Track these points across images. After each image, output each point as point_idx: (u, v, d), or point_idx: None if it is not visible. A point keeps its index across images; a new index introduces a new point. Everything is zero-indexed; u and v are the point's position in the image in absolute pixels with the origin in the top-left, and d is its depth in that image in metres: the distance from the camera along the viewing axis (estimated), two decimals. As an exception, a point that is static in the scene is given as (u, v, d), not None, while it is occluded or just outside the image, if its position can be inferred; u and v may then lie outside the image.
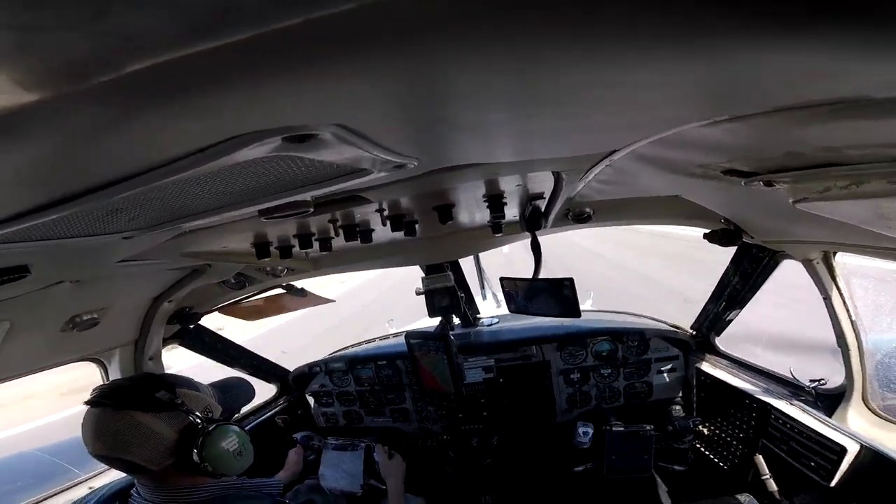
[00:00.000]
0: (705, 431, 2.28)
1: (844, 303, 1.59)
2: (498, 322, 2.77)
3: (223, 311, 2.17)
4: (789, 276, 1.77)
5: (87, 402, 1.05)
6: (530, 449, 2.64)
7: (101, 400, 1.04)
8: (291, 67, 0.34)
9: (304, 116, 0.45)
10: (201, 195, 0.70)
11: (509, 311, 1.93)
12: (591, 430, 2.32)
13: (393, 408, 2.72)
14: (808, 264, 1.57)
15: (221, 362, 2.49)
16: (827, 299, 1.60)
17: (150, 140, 0.45)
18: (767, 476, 1.89)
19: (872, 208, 0.81)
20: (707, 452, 2.31)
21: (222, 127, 0.44)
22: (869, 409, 1.65)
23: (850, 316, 1.59)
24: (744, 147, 0.83)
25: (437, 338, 2.19)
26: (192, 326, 2.14)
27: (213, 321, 2.26)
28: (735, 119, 0.65)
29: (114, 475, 1.63)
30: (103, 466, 1.81)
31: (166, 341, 2.06)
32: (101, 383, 1.16)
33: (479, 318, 2.82)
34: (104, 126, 0.39)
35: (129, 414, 1.02)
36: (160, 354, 2.00)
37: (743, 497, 1.95)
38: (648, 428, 2.22)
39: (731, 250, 1.86)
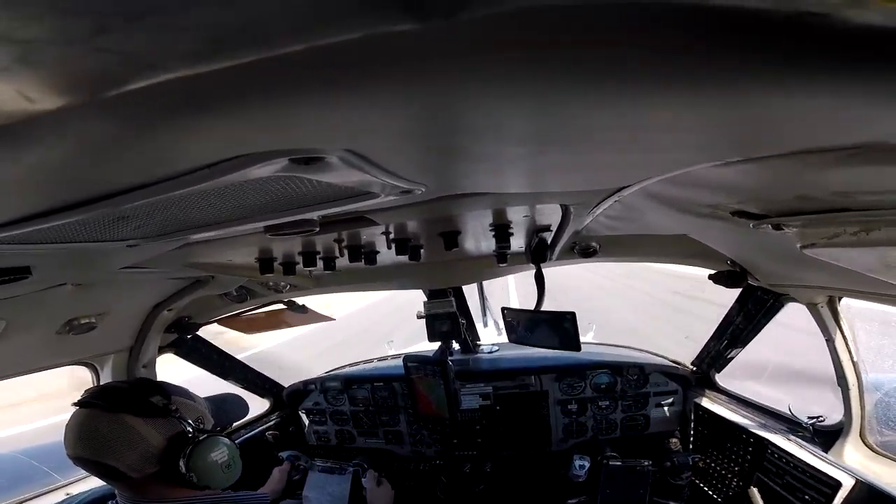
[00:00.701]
0: (700, 464, 2.25)
1: (847, 345, 1.59)
2: (498, 350, 2.75)
3: (222, 322, 2.16)
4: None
5: (76, 403, 1.03)
6: (524, 477, 2.59)
7: (92, 400, 1.02)
8: (298, 92, 0.34)
9: (311, 140, 0.45)
10: (208, 209, 0.71)
11: (510, 341, 1.90)
12: (587, 464, 2.27)
13: (387, 430, 2.67)
14: (813, 308, 1.57)
15: (216, 374, 2.46)
16: (830, 341, 1.60)
17: (157, 154, 0.45)
18: None
19: (879, 257, 0.80)
20: (702, 485, 2.27)
21: (228, 145, 0.44)
22: (866, 444, 1.65)
23: (851, 357, 1.60)
24: (755, 189, 0.83)
25: (436, 363, 2.18)
26: (188, 336, 2.13)
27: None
28: (749, 161, 0.65)
29: (93, 483, 1.60)
30: (83, 473, 1.76)
31: (162, 350, 2.04)
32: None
33: (479, 345, 2.80)
34: (109, 138, 0.39)
35: (120, 416, 1.00)
36: (154, 363, 1.98)
37: None
38: (646, 464, 2.17)
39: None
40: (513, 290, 10.91)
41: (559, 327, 1.62)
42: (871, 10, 0.24)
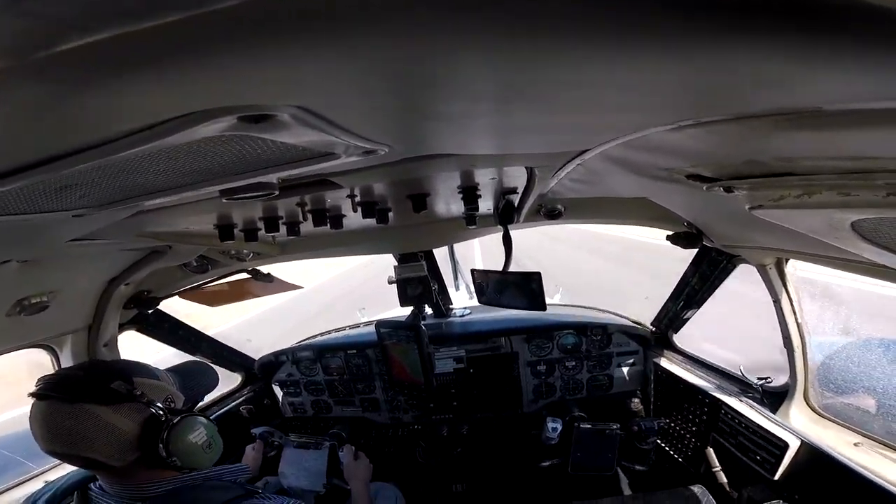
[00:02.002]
0: (664, 426, 2.37)
1: (792, 307, 1.68)
2: (470, 313, 2.81)
3: (184, 295, 2.09)
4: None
5: (32, 395, 0.97)
6: (499, 439, 2.69)
7: (49, 392, 0.96)
8: (239, 46, 0.32)
9: (260, 96, 0.43)
10: (157, 173, 0.67)
11: (479, 302, 1.95)
12: (560, 427, 2.34)
13: (363, 397, 2.71)
14: (762, 269, 1.65)
15: (183, 350, 2.41)
16: (777, 302, 1.68)
17: (95, 116, 0.42)
18: (718, 468, 1.98)
19: (823, 219, 0.85)
20: (663, 445, 2.41)
21: (171, 105, 0.42)
22: (810, 406, 1.75)
23: (796, 319, 1.68)
24: (707, 153, 0.86)
25: (409, 327, 2.19)
26: (150, 311, 2.05)
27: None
28: (700, 125, 0.67)
29: (70, 467, 1.56)
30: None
31: (122, 327, 1.97)
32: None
33: (452, 309, 2.84)
34: (42, 101, 0.37)
35: (84, 408, 0.94)
36: (116, 341, 1.91)
37: (696, 488, 2.02)
38: (615, 427, 2.26)
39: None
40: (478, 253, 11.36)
41: (526, 288, 1.66)
42: None
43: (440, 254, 2.63)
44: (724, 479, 1.96)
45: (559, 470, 2.37)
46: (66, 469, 1.57)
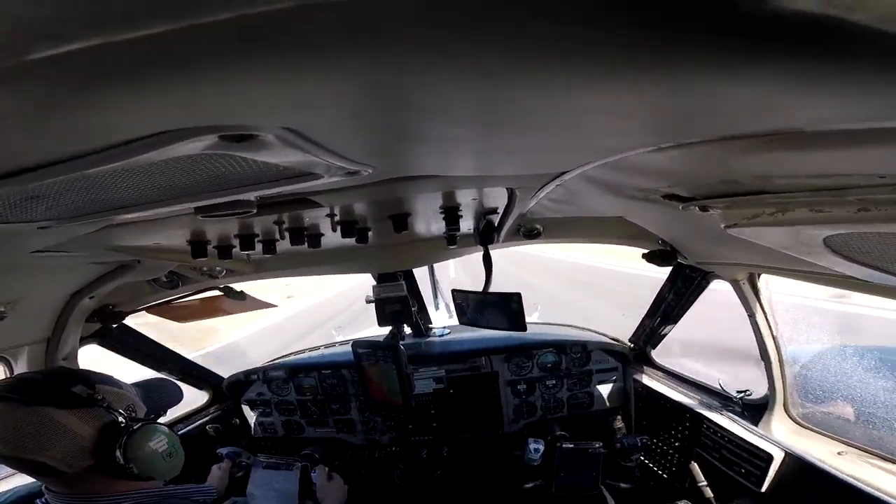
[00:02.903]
0: (647, 442, 2.34)
1: (767, 320, 1.70)
2: (449, 333, 2.77)
3: (152, 310, 2.00)
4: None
5: None
6: (480, 460, 2.63)
7: (6, 394, 0.92)
8: (225, 64, 0.31)
9: (243, 116, 0.42)
10: (130, 188, 0.64)
11: (460, 323, 1.93)
12: (542, 447, 2.28)
13: (337, 418, 2.63)
14: (736, 284, 1.69)
15: (148, 366, 2.30)
16: (752, 316, 1.72)
17: (67, 129, 0.40)
18: (704, 483, 1.97)
19: (793, 235, 0.88)
20: (647, 461, 2.39)
21: (148, 121, 0.41)
22: (790, 417, 1.77)
23: (772, 332, 1.71)
24: (684, 173, 0.88)
25: (386, 347, 2.15)
26: (114, 326, 1.96)
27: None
28: (679, 146, 0.69)
29: (18, 480, 1.46)
30: (5, 471, 1.61)
31: (84, 340, 1.87)
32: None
33: (431, 328, 2.80)
34: (11, 113, 0.35)
35: (40, 410, 0.91)
36: (76, 355, 1.81)
37: None
38: (597, 445, 2.21)
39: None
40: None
41: (506, 308, 1.66)
42: None
43: (419, 272, 2.61)
44: (710, 493, 1.95)
45: (543, 491, 2.31)
46: (11, 484, 1.46)
